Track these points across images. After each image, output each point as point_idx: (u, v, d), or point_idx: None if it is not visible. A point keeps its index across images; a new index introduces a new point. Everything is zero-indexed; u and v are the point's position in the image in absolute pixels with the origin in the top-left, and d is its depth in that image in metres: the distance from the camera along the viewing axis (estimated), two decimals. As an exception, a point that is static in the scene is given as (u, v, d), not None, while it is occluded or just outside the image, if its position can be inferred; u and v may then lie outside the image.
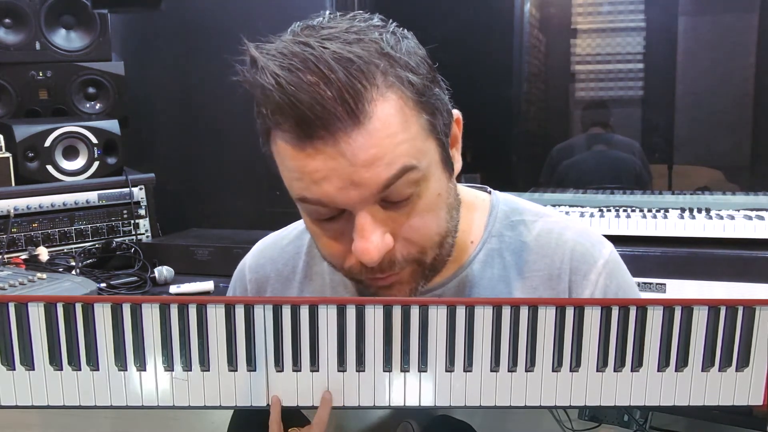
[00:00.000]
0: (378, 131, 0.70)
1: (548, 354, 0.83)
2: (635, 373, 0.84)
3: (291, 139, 0.72)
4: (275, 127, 0.73)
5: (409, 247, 0.78)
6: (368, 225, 0.74)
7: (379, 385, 0.84)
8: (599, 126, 2.27)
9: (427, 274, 0.83)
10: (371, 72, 0.70)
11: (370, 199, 0.73)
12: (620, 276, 0.94)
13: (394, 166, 0.72)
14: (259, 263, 1.03)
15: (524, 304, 0.82)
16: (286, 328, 0.83)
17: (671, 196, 2.13)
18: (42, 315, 0.82)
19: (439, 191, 0.79)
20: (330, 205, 0.74)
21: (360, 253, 0.75)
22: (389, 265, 0.78)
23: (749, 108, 2.12)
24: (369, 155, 0.71)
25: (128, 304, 0.83)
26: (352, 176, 0.71)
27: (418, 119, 0.74)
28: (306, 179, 0.73)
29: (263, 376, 0.84)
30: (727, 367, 0.84)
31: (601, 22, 2.25)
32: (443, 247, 0.82)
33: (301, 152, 0.72)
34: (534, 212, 0.95)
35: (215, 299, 0.84)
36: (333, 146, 0.70)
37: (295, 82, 0.68)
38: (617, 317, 0.82)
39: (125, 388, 0.84)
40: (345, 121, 0.69)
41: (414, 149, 0.74)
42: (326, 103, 0.68)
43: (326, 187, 0.72)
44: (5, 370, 0.83)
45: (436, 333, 0.83)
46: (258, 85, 0.72)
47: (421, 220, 0.77)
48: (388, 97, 0.71)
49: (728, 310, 0.83)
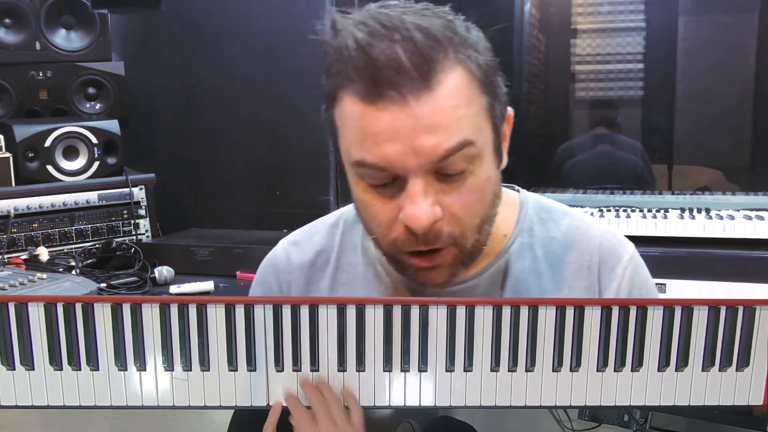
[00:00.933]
0: (445, 99, 0.74)
1: (548, 354, 0.83)
2: (635, 373, 0.84)
3: (362, 96, 0.75)
4: (347, 85, 0.76)
5: (453, 223, 0.80)
6: (420, 192, 0.76)
7: (379, 385, 0.84)
8: (605, 126, 2.27)
9: (465, 260, 0.84)
10: (446, 44, 0.75)
11: (426, 167, 0.76)
12: (643, 271, 0.97)
13: (454, 137, 0.75)
14: (291, 256, 1.03)
15: (524, 304, 0.82)
16: (286, 328, 0.83)
17: (671, 196, 2.13)
18: (42, 315, 0.82)
19: (489, 174, 0.81)
20: (387, 169, 0.76)
21: (409, 218, 0.77)
22: (434, 238, 0.79)
23: (749, 108, 2.12)
24: (433, 121, 0.74)
25: (128, 304, 0.83)
26: (413, 141, 0.74)
27: (480, 99, 0.78)
28: (369, 140, 0.76)
29: (263, 376, 0.84)
30: (727, 367, 0.84)
31: (601, 22, 2.24)
32: (481, 233, 0.84)
33: (369, 108, 0.75)
34: (560, 210, 0.99)
35: (215, 299, 0.84)
36: (401, 107, 0.73)
37: (374, 42, 0.73)
38: (617, 317, 0.82)
39: (125, 388, 0.84)
40: (416, 83, 0.73)
41: (474, 126, 0.77)
42: (402, 64, 0.72)
43: (388, 149, 0.75)
44: (5, 370, 0.83)
45: (436, 333, 0.83)
46: (335, 46, 0.76)
47: (468, 198, 0.79)
48: (457, 70, 0.76)
49: (728, 310, 0.83)
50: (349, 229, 1.01)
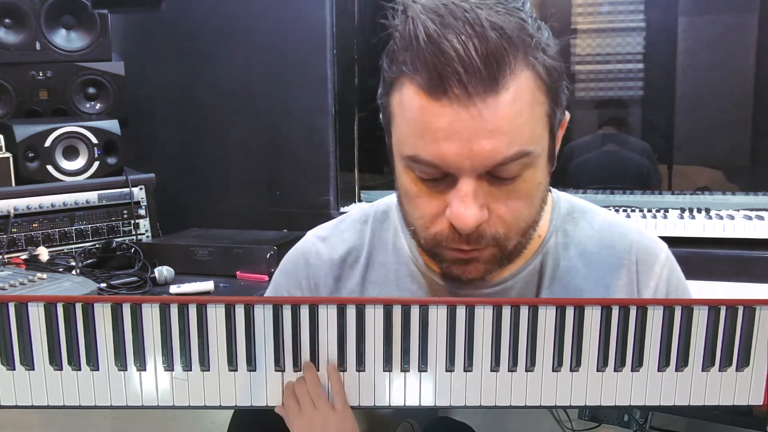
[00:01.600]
0: (509, 104, 0.72)
1: (548, 354, 0.83)
2: (635, 373, 0.84)
3: (426, 89, 0.73)
4: (411, 75, 0.74)
5: (499, 226, 0.79)
6: (471, 193, 0.75)
7: (379, 385, 0.84)
8: (612, 126, 2.26)
9: (503, 260, 0.84)
10: (518, 45, 0.73)
11: (480, 170, 0.75)
12: (678, 270, 0.98)
13: (513, 146, 0.73)
14: (321, 252, 1.01)
15: (524, 304, 0.82)
16: (287, 328, 0.83)
17: (671, 196, 2.13)
18: (42, 315, 0.82)
19: (541, 180, 0.80)
20: (441, 167, 0.75)
21: (456, 218, 0.76)
22: (476, 239, 0.79)
23: (749, 108, 2.12)
24: (495, 125, 0.72)
25: (128, 304, 0.83)
26: (472, 144, 0.72)
27: (543, 105, 0.77)
28: (427, 136, 0.74)
29: (263, 376, 0.84)
30: (727, 367, 0.84)
31: (601, 22, 2.24)
32: (526, 236, 0.83)
33: (432, 104, 0.72)
34: (592, 209, 0.98)
35: (215, 299, 0.84)
36: (465, 106, 0.71)
37: (445, 34, 0.70)
38: (617, 317, 0.82)
39: (125, 388, 0.84)
40: (484, 83, 0.71)
41: (533, 134, 0.76)
42: (472, 62, 0.70)
43: (445, 148, 0.73)
44: (5, 370, 0.83)
45: (436, 333, 0.83)
46: (404, 33, 0.74)
47: (517, 203, 0.78)
48: (525, 74, 0.74)
49: (728, 310, 0.83)
50: (379, 227, 0.99)
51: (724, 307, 0.83)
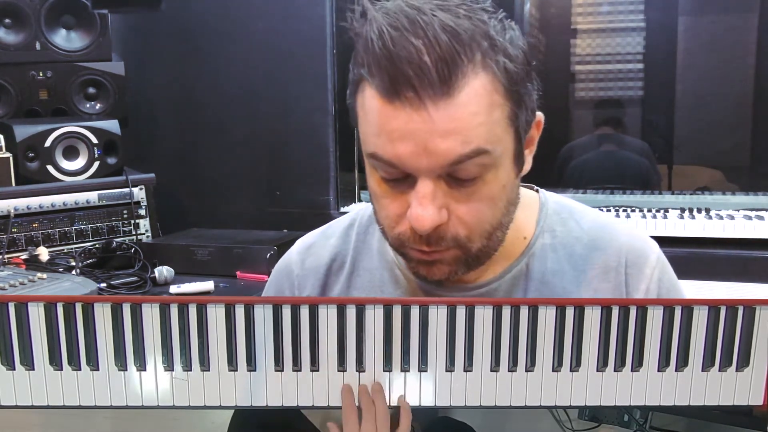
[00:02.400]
0: (463, 106, 0.73)
1: (548, 354, 0.83)
2: (635, 373, 0.84)
3: (381, 92, 0.74)
4: (369, 78, 0.76)
5: (460, 228, 0.79)
6: (428, 194, 0.76)
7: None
8: (610, 126, 2.26)
9: (469, 262, 0.83)
10: (472, 48, 0.73)
11: (437, 170, 0.75)
12: (670, 271, 0.96)
13: (469, 145, 0.74)
14: (307, 260, 1.02)
15: (524, 304, 0.82)
16: (286, 328, 0.83)
17: (671, 196, 2.13)
18: (42, 315, 0.82)
19: (505, 183, 0.80)
20: (399, 167, 0.76)
21: (414, 219, 0.76)
22: (436, 241, 0.79)
23: (749, 108, 2.12)
24: (449, 127, 0.73)
25: (128, 304, 0.83)
26: (427, 143, 0.73)
27: (504, 107, 0.76)
28: (383, 137, 0.75)
29: (263, 376, 0.84)
30: (727, 367, 0.84)
31: (601, 22, 2.24)
32: (491, 239, 0.83)
33: (386, 107, 0.74)
34: (581, 210, 0.97)
35: (215, 299, 0.84)
36: (417, 109, 0.72)
37: (398, 39, 0.71)
38: (617, 317, 0.82)
39: (125, 388, 0.84)
40: (435, 87, 0.71)
41: (492, 135, 0.75)
42: (423, 66, 0.71)
43: (400, 148, 0.74)
44: (5, 370, 0.83)
45: (436, 333, 0.83)
46: (363, 36, 0.75)
47: (478, 206, 0.78)
48: (481, 77, 0.74)
49: (728, 310, 0.83)
50: (365, 232, 1.00)
51: (724, 307, 0.83)
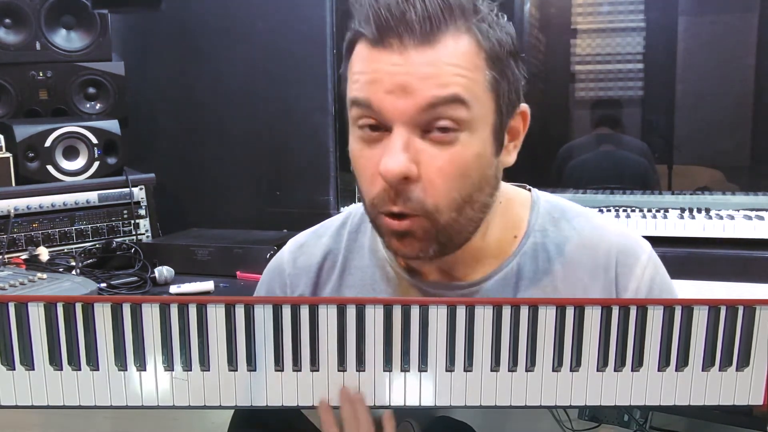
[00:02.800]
0: (445, 56, 0.76)
1: (548, 354, 0.83)
2: (635, 373, 0.84)
3: (369, 41, 0.78)
4: (360, 33, 0.80)
5: (427, 191, 0.79)
6: (400, 144, 0.77)
7: (379, 385, 0.84)
8: (608, 126, 2.26)
9: (439, 238, 0.83)
10: (458, 10, 0.77)
11: (413, 114, 0.76)
12: (661, 271, 0.96)
13: (446, 89, 0.76)
14: (298, 259, 1.02)
15: (524, 304, 0.82)
16: (286, 328, 0.83)
17: (671, 196, 2.13)
18: (42, 315, 0.82)
19: (480, 152, 0.80)
20: (374, 107, 0.77)
21: (383, 165, 0.77)
22: (403, 199, 0.79)
23: (749, 108, 2.12)
24: (429, 70, 0.76)
25: (128, 304, 0.83)
26: (404, 83, 0.76)
27: (485, 71, 0.79)
28: (362, 79, 0.79)
29: (263, 376, 0.84)
30: (728, 367, 0.84)
31: (601, 22, 2.24)
32: (461, 213, 0.82)
33: (373, 52, 0.78)
34: (574, 209, 0.98)
35: (215, 299, 0.84)
36: (399, 54, 0.76)
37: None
38: (617, 317, 0.82)
39: (125, 388, 0.84)
40: (418, 37, 0.76)
41: (470, 89, 0.78)
42: (408, 19, 0.75)
43: (378, 87, 0.77)
44: (5, 370, 0.83)
45: (436, 333, 0.83)
46: (357, 1, 0.80)
47: (450, 168, 0.79)
48: (464, 39, 0.78)
49: (728, 310, 0.83)
50: (356, 230, 1.00)
51: (724, 307, 0.83)
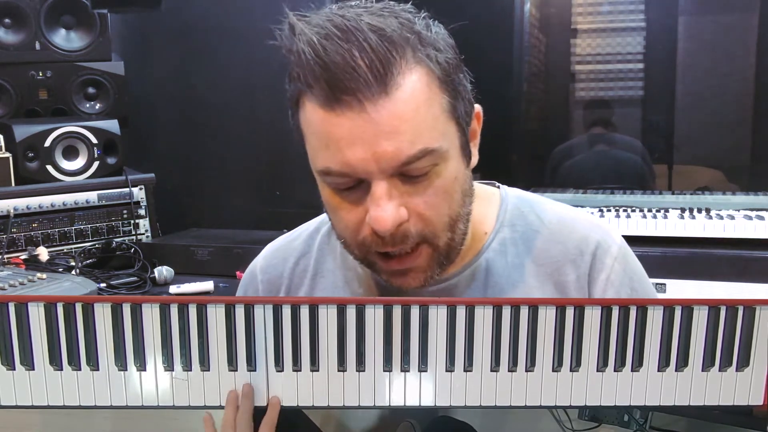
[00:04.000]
0: (403, 102, 0.74)
1: (548, 354, 0.83)
2: (635, 373, 0.84)
3: (321, 101, 0.75)
4: (306, 90, 0.76)
5: (421, 223, 0.79)
6: (384, 194, 0.76)
7: (379, 385, 0.84)
8: (600, 126, 2.26)
9: (441, 260, 0.84)
10: (402, 45, 0.74)
11: (388, 171, 0.75)
12: (633, 262, 0.96)
13: (415, 145, 0.75)
14: (270, 264, 1.03)
15: (524, 304, 0.82)
16: (286, 328, 0.83)
17: (671, 196, 2.13)
18: (42, 315, 0.82)
19: (456, 175, 0.81)
20: (351, 174, 0.76)
21: (374, 220, 0.77)
22: (402, 239, 0.79)
23: (749, 108, 2.12)
24: (392, 126, 0.73)
25: (128, 304, 0.83)
26: (374, 147, 0.74)
27: (442, 100, 0.77)
28: (332, 147, 0.76)
29: (263, 376, 0.84)
30: (727, 367, 0.84)
31: (601, 22, 2.24)
32: (455, 231, 0.83)
33: (329, 114, 0.74)
34: (542, 203, 0.98)
35: (215, 299, 0.84)
36: (359, 112, 0.73)
37: (329, 46, 0.72)
38: (617, 317, 0.82)
39: (125, 388, 0.84)
40: (373, 87, 0.72)
41: (435, 131, 0.76)
42: (357, 69, 0.72)
43: (349, 155, 0.75)
44: (5, 370, 0.83)
45: (436, 333, 0.83)
46: (294, 50, 0.76)
47: (435, 199, 0.79)
48: (416, 71, 0.75)
49: (728, 310, 0.83)
50: (329, 234, 1.01)
51: (724, 307, 0.83)
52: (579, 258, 0.92)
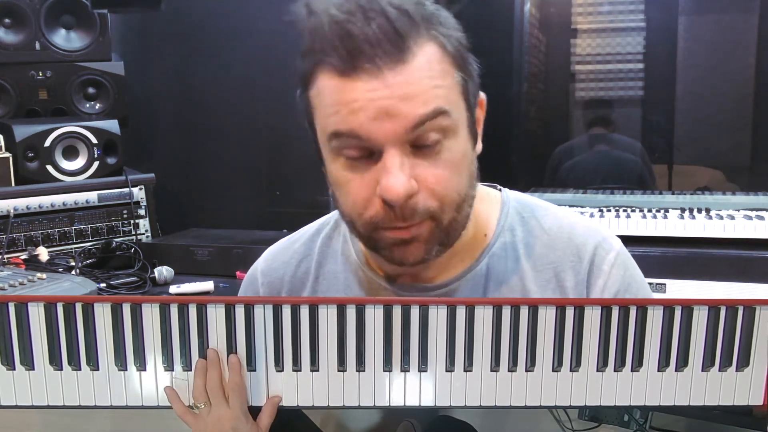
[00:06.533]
0: (419, 70, 0.76)
1: (548, 354, 0.83)
2: (635, 373, 0.84)
3: (337, 70, 0.76)
4: (323, 62, 0.77)
5: (430, 198, 0.79)
6: (397, 163, 0.76)
7: (379, 385, 0.84)
8: (601, 126, 2.26)
9: (442, 238, 0.83)
10: (418, 20, 0.77)
11: (401, 135, 0.76)
12: (631, 267, 0.95)
13: (429, 105, 0.76)
14: (271, 267, 1.03)
15: (524, 304, 0.82)
16: (286, 328, 0.83)
17: (671, 196, 2.12)
18: (42, 315, 0.82)
19: (464, 150, 0.81)
20: (362, 137, 0.76)
21: (386, 190, 0.76)
22: (410, 214, 0.79)
23: (749, 108, 2.12)
24: (408, 90, 0.75)
25: (128, 304, 0.83)
26: (388, 108, 0.75)
27: (453, 74, 0.79)
28: (343, 110, 0.76)
29: (263, 376, 0.85)
30: (727, 367, 0.84)
31: (601, 22, 2.24)
32: (460, 212, 0.83)
33: (345, 80, 0.76)
34: (543, 208, 0.98)
35: (215, 299, 0.84)
36: (376, 77, 0.75)
37: (349, 18, 0.74)
38: (617, 317, 0.82)
39: (125, 388, 0.84)
40: (391, 55, 0.74)
41: (448, 98, 0.78)
42: (377, 37, 0.74)
43: (362, 116, 0.75)
44: (5, 370, 0.83)
45: (436, 333, 0.83)
46: (310, 27, 0.77)
47: (444, 172, 0.79)
48: (430, 46, 0.77)
49: (728, 310, 0.83)
50: (330, 236, 1.01)
51: (724, 307, 0.83)
52: (577, 264, 0.92)
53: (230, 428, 0.84)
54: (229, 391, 0.84)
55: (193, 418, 0.86)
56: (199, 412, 0.85)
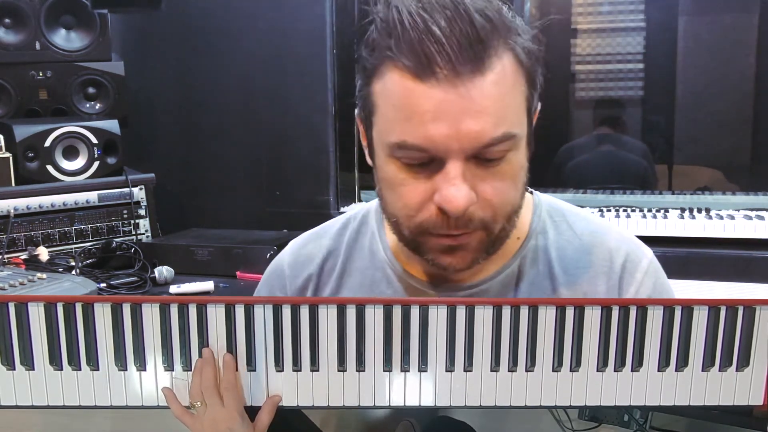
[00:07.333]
0: (494, 85, 0.73)
1: (548, 354, 0.83)
2: (635, 373, 0.84)
3: (412, 71, 0.73)
4: (395, 59, 0.74)
5: (486, 209, 0.79)
6: (460, 175, 0.75)
7: (379, 385, 0.84)
8: (608, 126, 2.26)
9: (489, 247, 0.83)
10: (499, 27, 0.74)
11: (468, 151, 0.75)
12: (662, 276, 0.96)
13: (499, 127, 0.74)
14: (299, 261, 1.02)
15: (524, 304, 0.82)
16: (286, 328, 0.83)
17: (671, 196, 2.13)
18: (42, 315, 0.82)
19: (522, 164, 0.81)
20: (429, 150, 0.75)
21: (447, 201, 0.75)
22: (465, 223, 0.78)
23: (749, 108, 2.12)
24: (482, 106, 0.73)
25: (128, 304, 0.83)
26: (460, 124, 0.73)
27: (523, 88, 0.78)
28: (415, 119, 0.74)
29: (263, 376, 0.85)
30: (727, 367, 0.84)
31: (601, 22, 2.24)
32: (510, 221, 0.83)
33: (418, 85, 0.73)
34: (575, 213, 0.97)
35: (215, 299, 0.84)
36: (454, 85, 0.72)
37: (431, 18, 0.71)
38: (617, 317, 0.82)
39: (125, 388, 0.84)
40: (471, 63, 0.72)
41: (516, 117, 0.77)
42: (460, 41, 0.71)
43: (433, 130, 0.73)
44: (5, 370, 0.83)
45: (436, 333, 0.83)
46: (386, 19, 0.74)
47: (502, 185, 0.79)
48: (507, 56, 0.75)
49: (728, 310, 0.83)
50: (357, 232, 1.00)
51: (724, 307, 0.83)
52: (609, 270, 0.92)
53: (226, 428, 0.84)
54: (223, 390, 0.84)
55: (191, 419, 0.85)
56: (195, 412, 0.85)
